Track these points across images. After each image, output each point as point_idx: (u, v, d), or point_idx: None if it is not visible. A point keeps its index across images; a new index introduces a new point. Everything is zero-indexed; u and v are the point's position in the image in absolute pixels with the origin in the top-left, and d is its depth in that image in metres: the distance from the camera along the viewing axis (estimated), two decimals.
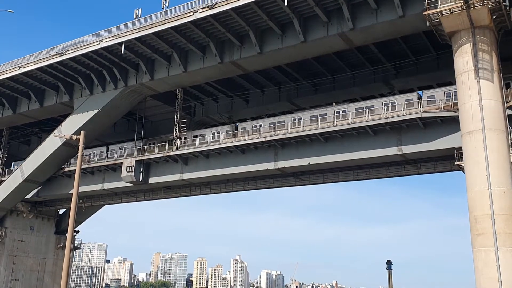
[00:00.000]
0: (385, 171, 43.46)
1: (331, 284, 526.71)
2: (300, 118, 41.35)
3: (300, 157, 41.57)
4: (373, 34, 35.94)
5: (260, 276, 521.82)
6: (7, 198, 54.77)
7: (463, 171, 30.89)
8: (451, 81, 35.74)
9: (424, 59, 42.02)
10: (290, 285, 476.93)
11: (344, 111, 39.38)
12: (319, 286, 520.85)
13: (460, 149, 31.62)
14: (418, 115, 35.36)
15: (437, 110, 34.95)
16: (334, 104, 41.18)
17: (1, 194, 54.92)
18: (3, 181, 55.91)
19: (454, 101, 33.79)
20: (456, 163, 33.21)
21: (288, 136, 40.75)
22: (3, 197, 54.71)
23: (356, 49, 41.08)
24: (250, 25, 37.93)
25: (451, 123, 34.61)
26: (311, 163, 41.16)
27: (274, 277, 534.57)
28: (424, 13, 30.65)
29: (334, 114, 39.63)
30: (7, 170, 58.87)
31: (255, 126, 44.01)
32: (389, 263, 61.44)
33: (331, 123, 39.39)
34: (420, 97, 37.28)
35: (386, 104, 37.68)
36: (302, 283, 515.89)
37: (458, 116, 31.47)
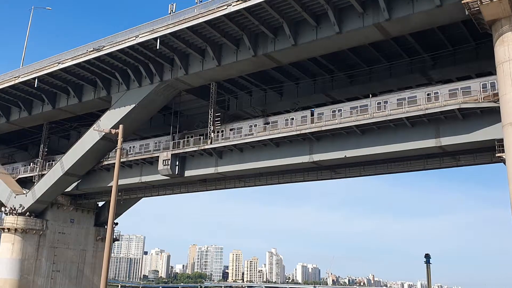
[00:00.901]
0: (423, 163, 42.47)
1: (367, 278, 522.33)
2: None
3: (336, 150, 41.06)
4: (409, 24, 35.07)
5: (296, 269, 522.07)
6: (48, 191, 56.43)
7: (504, 163, 29.87)
8: (491, 71, 34.52)
9: (463, 49, 40.70)
10: (326, 278, 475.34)
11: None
12: (355, 279, 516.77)
13: (501, 140, 30.56)
14: (457, 106, 34.32)
15: (476, 101, 33.85)
16: (370, 96, 40.46)
17: (42, 187, 56.63)
18: (44, 174, 57.61)
19: (494, 92, 32.66)
20: (497, 155, 32.20)
21: (323, 128, 40.29)
22: (44, 190, 56.39)
23: (393, 40, 40.15)
24: (284, 17, 37.60)
25: (491, 114, 33.44)
26: (347, 156, 40.62)
27: (310, 270, 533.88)
28: (462, 1, 29.63)
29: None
30: (47, 164, 60.57)
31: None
32: (427, 256, 60.32)
33: (368, 115, 38.72)
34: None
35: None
36: (339, 277, 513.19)
37: (499, 107, 30.38)
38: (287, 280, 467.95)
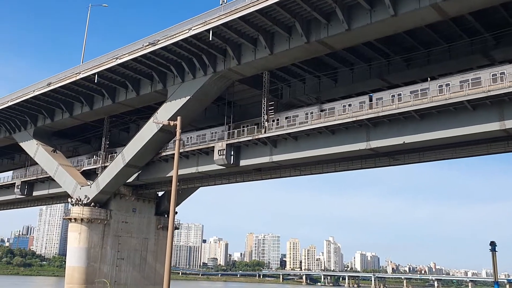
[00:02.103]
0: (486, 148, 40.58)
1: (429, 266, 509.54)
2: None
3: (394, 136, 40.00)
4: (469, 3, 33.39)
5: (354, 258, 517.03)
6: (111, 182, 58.63)
7: None
8: None
9: None
10: (385, 267, 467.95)
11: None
12: (416, 267, 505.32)
13: None
14: None
15: None
16: (429, 79, 39.04)
17: (105, 179, 58.90)
18: (107, 166, 59.87)
19: None
20: None
21: (380, 114, 39.31)
22: (107, 181, 58.64)
23: (451, 20, 38.42)
24: (337, 2, 36.80)
25: None
26: (406, 142, 39.49)
27: (368, 258, 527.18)
28: None
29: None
30: (109, 156, 62.85)
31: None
32: (493, 244, 57.92)
33: (427, 99, 37.41)
34: None
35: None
36: (399, 265, 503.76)
37: None
38: (345, 268, 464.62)
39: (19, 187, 73.72)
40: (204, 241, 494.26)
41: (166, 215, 67.83)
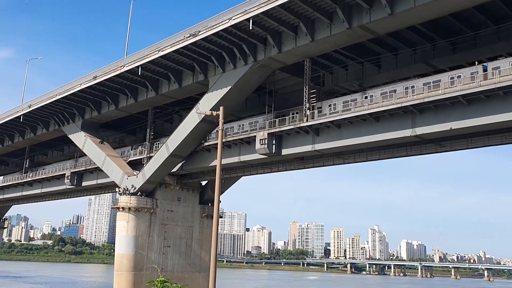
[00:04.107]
0: None
1: (478, 255, 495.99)
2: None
3: (440, 122, 38.82)
4: None
5: (400, 246, 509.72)
6: (156, 172, 59.86)
7: None
8: None
9: None
10: (432, 256, 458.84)
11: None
12: (464, 256, 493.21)
13: None
14: None
15: None
16: (476, 63, 37.62)
17: (151, 169, 60.19)
18: (152, 156, 61.13)
19: None
20: None
21: (426, 100, 38.24)
22: (152, 171, 59.90)
23: (500, 1, 36.79)
24: None
25: None
26: (452, 128, 38.31)
27: (415, 247, 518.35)
28: None
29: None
30: (154, 146, 64.10)
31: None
32: None
33: (474, 84, 36.10)
34: None
35: None
36: (446, 253, 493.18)
37: None
38: (391, 257, 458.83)
39: (69, 177, 76.36)
40: (248, 229, 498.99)
41: (209, 204, 68.74)
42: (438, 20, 40.00)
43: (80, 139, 70.17)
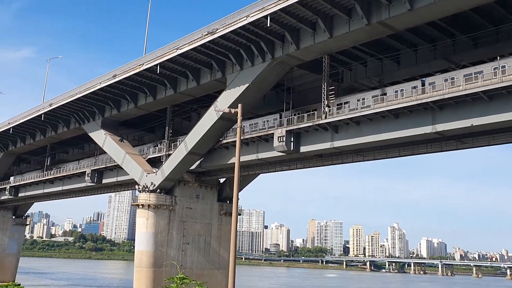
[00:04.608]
0: None
1: (500, 253, 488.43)
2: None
3: (461, 118, 38.22)
4: None
5: (420, 244, 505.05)
6: (175, 169, 60.23)
7: None
8: None
9: None
10: (453, 253, 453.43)
11: None
12: (486, 254, 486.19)
13: None
14: None
15: None
16: (498, 58, 36.91)
17: (169, 166, 60.59)
18: (170, 154, 61.52)
19: None
20: None
21: (446, 96, 37.70)
22: (171, 169, 60.29)
23: None
24: None
25: None
26: (474, 125, 37.70)
27: (435, 245, 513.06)
28: None
29: None
30: (172, 144, 64.51)
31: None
32: None
33: (496, 79, 35.43)
34: None
35: None
36: (467, 252, 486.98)
37: None
38: (411, 255, 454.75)
39: (90, 175, 77.25)
40: (266, 227, 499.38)
41: (228, 201, 68.91)
42: (458, 15, 39.40)
43: (100, 137, 70.96)
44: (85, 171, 78.79)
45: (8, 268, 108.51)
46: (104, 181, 78.14)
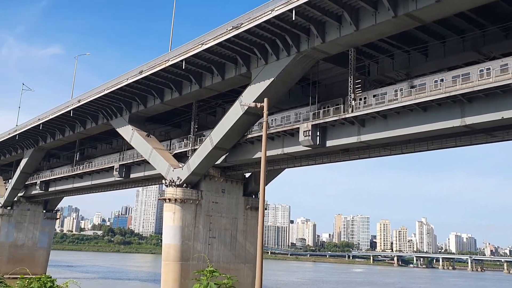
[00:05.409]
0: None
1: None
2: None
3: (491, 111, 37.35)
4: None
5: (448, 239, 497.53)
6: (200, 164, 60.63)
7: None
8: None
9: None
10: (483, 249, 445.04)
11: None
12: None
13: None
14: None
15: None
16: None
17: (195, 161, 61.02)
18: (196, 149, 61.94)
19: None
20: None
21: (476, 89, 36.87)
22: (197, 163, 60.71)
23: None
24: None
25: None
26: (504, 117, 36.79)
27: (464, 240, 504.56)
28: None
29: None
30: (198, 139, 64.94)
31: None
32: None
33: None
34: None
35: None
36: (498, 247, 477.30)
37: None
38: (439, 250, 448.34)
39: (118, 170, 78.46)
40: (292, 221, 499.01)
41: (253, 196, 69.05)
42: (488, 5, 38.36)
43: (128, 132, 71.92)
44: (113, 166, 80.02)
45: (39, 261, 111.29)
46: (131, 175, 79.26)
